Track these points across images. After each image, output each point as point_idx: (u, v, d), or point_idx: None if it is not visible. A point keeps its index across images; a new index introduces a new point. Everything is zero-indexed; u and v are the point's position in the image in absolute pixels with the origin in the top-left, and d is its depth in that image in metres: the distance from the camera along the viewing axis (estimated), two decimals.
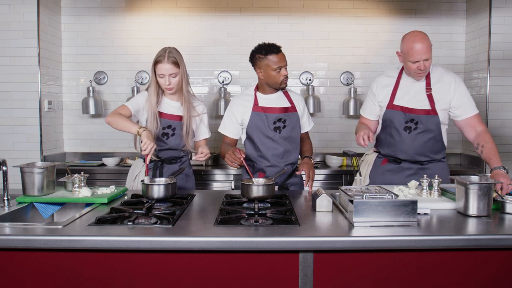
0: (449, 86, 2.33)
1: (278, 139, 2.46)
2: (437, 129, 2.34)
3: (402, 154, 2.39)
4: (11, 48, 3.65)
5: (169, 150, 2.48)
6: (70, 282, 1.50)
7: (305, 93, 4.15)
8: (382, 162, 2.47)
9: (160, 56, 2.32)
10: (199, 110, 2.53)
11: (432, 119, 2.32)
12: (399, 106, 2.36)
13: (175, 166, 2.51)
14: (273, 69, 2.38)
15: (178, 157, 2.52)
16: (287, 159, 2.49)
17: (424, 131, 2.33)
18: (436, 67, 2.41)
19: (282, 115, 2.48)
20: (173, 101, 2.47)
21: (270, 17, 4.14)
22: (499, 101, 3.76)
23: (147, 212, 1.77)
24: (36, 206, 2.03)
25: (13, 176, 2.57)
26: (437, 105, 2.32)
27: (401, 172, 2.40)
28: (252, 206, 1.86)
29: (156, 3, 4.12)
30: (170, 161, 2.50)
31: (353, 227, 1.58)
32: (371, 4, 4.14)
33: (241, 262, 1.50)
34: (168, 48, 2.36)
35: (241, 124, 2.52)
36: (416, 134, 2.34)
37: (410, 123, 2.34)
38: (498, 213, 1.79)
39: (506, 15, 3.69)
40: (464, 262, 1.52)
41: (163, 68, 2.31)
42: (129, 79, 4.16)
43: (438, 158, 2.41)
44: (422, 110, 2.32)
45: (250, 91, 2.55)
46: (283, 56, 2.40)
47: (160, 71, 2.32)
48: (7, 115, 3.69)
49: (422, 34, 2.27)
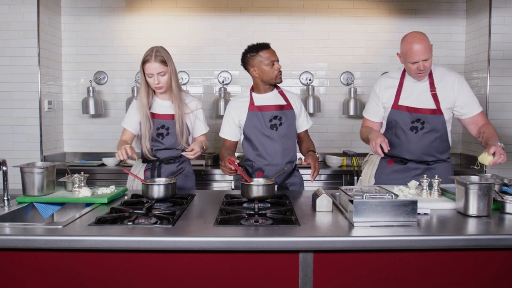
0: (453, 85, 2.34)
1: (275, 137, 2.47)
2: (443, 128, 2.35)
3: (409, 154, 2.39)
4: (11, 48, 3.65)
5: (166, 150, 2.48)
6: (70, 282, 1.50)
7: (305, 93, 4.15)
8: (388, 162, 2.47)
9: (147, 56, 2.33)
10: (193, 106, 2.53)
11: (438, 118, 2.33)
12: (404, 106, 2.36)
13: (173, 166, 2.51)
14: (266, 64, 2.42)
15: (176, 157, 2.53)
16: (285, 157, 2.50)
17: (431, 131, 2.34)
18: (438, 67, 2.42)
19: (278, 113, 2.50)
20: (164, 100, 2.48)
21: (270, 17, 4.14)
22: (499, 101, 3.76)
23: (147, 212, 1.77)
24: (36, 206, 2.03)
25: (13, 176, 2.57)
26: (442, 105, 2.33)
27: (407, 172, 2.40)
28: (252, 206, 1.86)
29: (156, 3, 4.13)
30: (168, 161, 2.51)
31: (353, 227, 1.57)
32: (371, 4, 4.14)
33: (241, 262, 1.50)
34: (155, 47, 2.37)
35: (238, 125, 2.54)
36: (422, 134, 2.34)
37: (416, 123, 2.34)
38: (498, 213, 1.79)
39: (506, 15, 3.70)
40: (464, 262, 1.52)
41: (151, 67, 2.32)
42: (129, 79, 4.16)
43: (444, 158, 2.42)
44: (428, 109, 2.33)
45: (245, 93, 2.59)
46: (273, 51, 2.46)
47: (149, 71, 2.33)
48: (7, 115, 3.69)
49: (420, 34, 2.27)
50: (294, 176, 2.56)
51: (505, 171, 3.73)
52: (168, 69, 2.37)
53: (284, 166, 2.48)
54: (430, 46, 2.25)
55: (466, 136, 4.13)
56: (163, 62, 2.34)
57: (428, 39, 2.27)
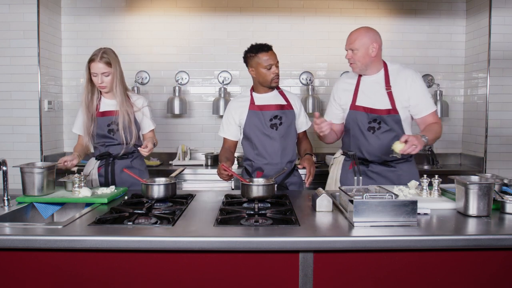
0: (405, 81, 2.30)
1: (275, 136, 2.48)
2: (400, 128, 2.31)
3: (368, 154, 2.37)
4: (11, 48, 3.65)
5: (118, 145, 2.55)
6: (70, 282, 1.50)
7: (305, 93, 4.15)
8: (349, 166, 2.45)
9: (94, 55, 2.46)
10: (139, 104, 2.61)
11: (394, 118, 2.30)
12: (361, 107, 2.35)
13: (126, 161, 2.58)
14: (264, 66, 2.43)
15: (129, 152, 2.59)
16: (284, 157, 2.50)
17: (388, 131, 2.31)
18: (394, 64, 2.40)
19: (278, 112, 2.50)
20: (110, 99, 2.57)
21: (270, 17, 4.14)
22: (499, 101, 3.76)
23: (147, 212, 1.77)
24: (36, 206, 2.03)
25: (13, 176, 2.56)
26: (397, 103, 2.29)
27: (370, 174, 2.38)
28: (252, 206, 1.86)
29: (156, 3, 4.12)
30: (122, 156, 2.57)
31: (353, 227, 1.58)
32: (371, 4, 4.14)
33: (241, 262, 1.50)
34: (103, 49, 2.50)
35: (239, 125, 2.55)
36: (380, 134, 2.32)
37: (373, 123, 2.32)
38: (498, 213, 1.79)
39: (506, 15, 3.69)
40: (464, 262, 1.52)
41: (95, 67, 2.43)
42: (129, 79, 4.13)
43: (405, 157, 2.37)
44: (383, 110, 2.30)
45: (246, 93, 2.60)
46: (273, 55, 2.45)
47: (93, 70, 2.45)
48: (7, 115, 3.69)
49: (363, 28, 2.31)
50: (293, 175, 2.57)
51: (505, 171, 3.73)
52: (112, 70, 2.47)
53: (283, 165, 2.49)
54: (365, 40, 2.26)
55: (466, 136, 4.13)
56: (108, 64, 2.45)
57: (366, 34, 2.28)
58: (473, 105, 4.02)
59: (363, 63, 2.30)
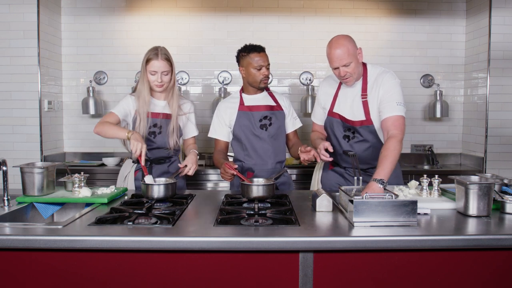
0: (380, 86, 2.18)
1: (265, 137, 2.48)
2: (374, 137, 2.25)
3: (343, 162, 2.36)
4: (11, 48, 3.65)
5: (157, 149, 2.47)
6: (70, 282, 1.50)
7: (305, 93, 4.15)
8: (329, 167, 2.45)
9: (152, 54, 2.35)
10: (186, 109, 2.55)
11: (368, 128, 2.23)
12: (338, 114, 2.31)
13: (164, 166, 2.50)
14: (254, 67, 2.42)
15: (167, 157, 2.52)
16: (274, 157, 2.50)
17: (362, 141, 2.27)
18: (375, 67, 2.27)
19: (268, 113, 2.51)
20: (160, 100, 2.48)
21: (270, 17, 4.14)
22: (499, 101, 3.76)
23: (147, 212, 1.77)
24: (36, 206, 2.03)
25: (13, 176, 2.57)
26: (372, 112, 2.19)
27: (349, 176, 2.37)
28: (252, 206, 1.86)
29: (156, 3, 4.13)
30: (159, 161, 2.50)
31: (353, 227, 1.58)
32: (371, 4, 4.14)
33: (241, 262, 1.50)
34: (159, 47, 2.39)
35: (229, 126, 2.54)
36: (353, 143, 2.28)
37: (348, 131, 2.29)
38: (498, 213, 1.79)
39: (506, 15, 3.70)
40: (464, 262, 1.52)
41: (156, 65, 2.33)
42: (129, 79, 4.16)
43: None
44: (357, 121, 2.23)
45: (235, 94, 2.61)
46: (265, 56, 2.45)
47: (153, 68, 2.34)
48: (7, 115, 3.69)
49: (342, 39, 2.15)
50: (283, 176, 2.56)
51: (505, 171, 3.73)
52: (172, 69, 2.39)
53: (273, 166, 2.48)
54: (352, 49, 2.12)
55: (466, 136, 4.14)
56: (168, 61, 2.36)
57: (349, 43, 2.13)
58: (473, 105, 4.02)
59: (357, 73, 2.20)
